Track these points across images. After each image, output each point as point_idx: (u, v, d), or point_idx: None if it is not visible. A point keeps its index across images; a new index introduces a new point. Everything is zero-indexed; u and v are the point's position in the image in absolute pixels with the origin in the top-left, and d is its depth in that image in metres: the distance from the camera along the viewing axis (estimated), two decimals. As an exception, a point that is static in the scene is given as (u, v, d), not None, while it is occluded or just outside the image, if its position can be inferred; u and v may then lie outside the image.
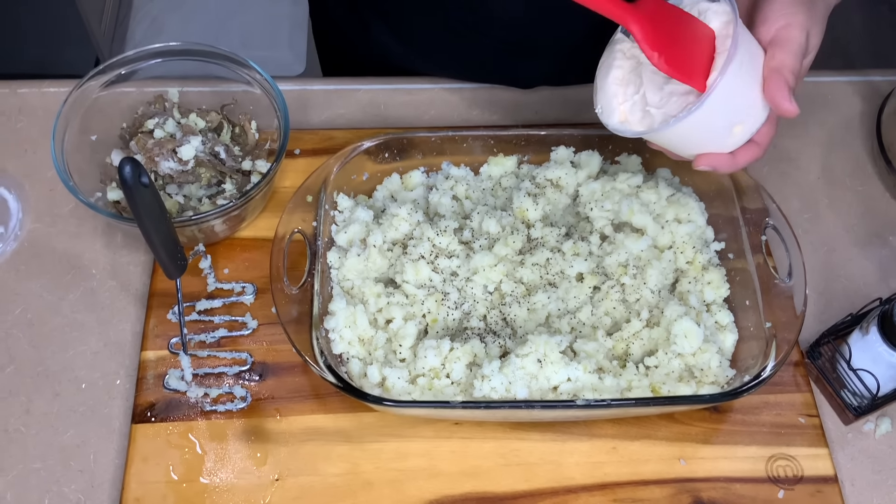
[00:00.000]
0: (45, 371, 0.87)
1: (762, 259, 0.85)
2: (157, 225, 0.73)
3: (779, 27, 0.73)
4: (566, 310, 0.85)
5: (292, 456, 0.81)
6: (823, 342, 0.86)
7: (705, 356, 0.81)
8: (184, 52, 0.96)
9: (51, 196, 0.98)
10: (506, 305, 0.85)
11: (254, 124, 0.97)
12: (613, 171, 0.94)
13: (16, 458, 0.82)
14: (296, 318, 0.81)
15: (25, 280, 0.92)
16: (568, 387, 0.78)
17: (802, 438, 0.84)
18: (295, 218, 0.86)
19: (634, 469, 0.82)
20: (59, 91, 1.05)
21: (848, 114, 1.07)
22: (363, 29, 1.08)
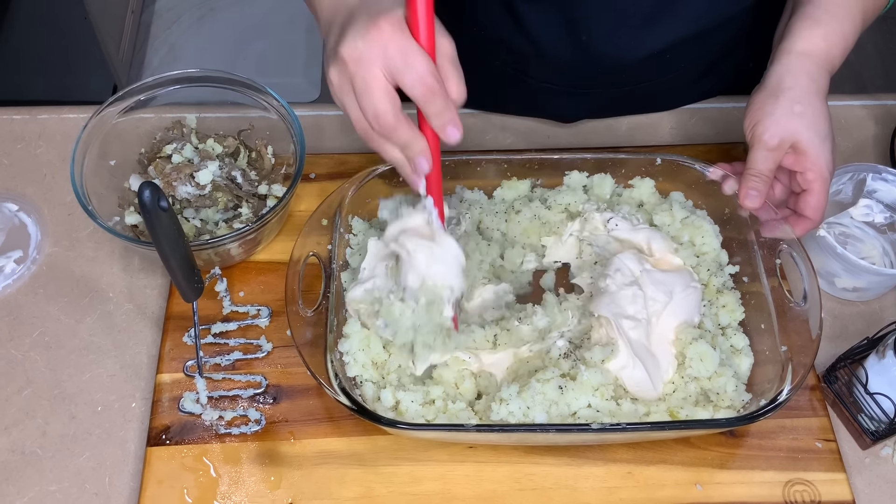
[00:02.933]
0: (62, 393, 0.87)
1: (777, 282, 0.85)
2: (174, 248, 0.73)
3: (754, 125, 0.83)
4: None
5: (306, 479, 0.81)
6: (839, 366, 0.86)
7: (721, 380, 0.81)
8: (201, 79, 0.97)
9: (69, 220, 0.99)
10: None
11: (270, 149, 0.98)
12: (627, 195, 0.94)
13: (32, 481, 0.82)
14: (310, 340, 0.82)
15: (43, 303, 0.93)
16: (588, 413, 0.78)
17: (819, 463, 0.83)
18: (310, 241, 0.86)
19: (650, 494, 0.81)
20: (78, 117, 1.06)
21: (861, 137, 1.08)
22: None
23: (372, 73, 0.65)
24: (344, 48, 0.66)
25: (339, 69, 0.67)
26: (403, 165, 0.71)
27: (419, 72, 0.65)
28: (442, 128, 0.68)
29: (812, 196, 0.82)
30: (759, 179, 0.82)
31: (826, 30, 0.84)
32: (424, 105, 0.66)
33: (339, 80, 0.67)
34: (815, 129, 0.81)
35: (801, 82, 0.83)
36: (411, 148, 0.69)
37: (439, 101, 0.66)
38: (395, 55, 0.64)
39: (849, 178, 0.96)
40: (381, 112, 0.66)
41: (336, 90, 0.68)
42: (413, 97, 0.66)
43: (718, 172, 0.89)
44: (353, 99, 0.67)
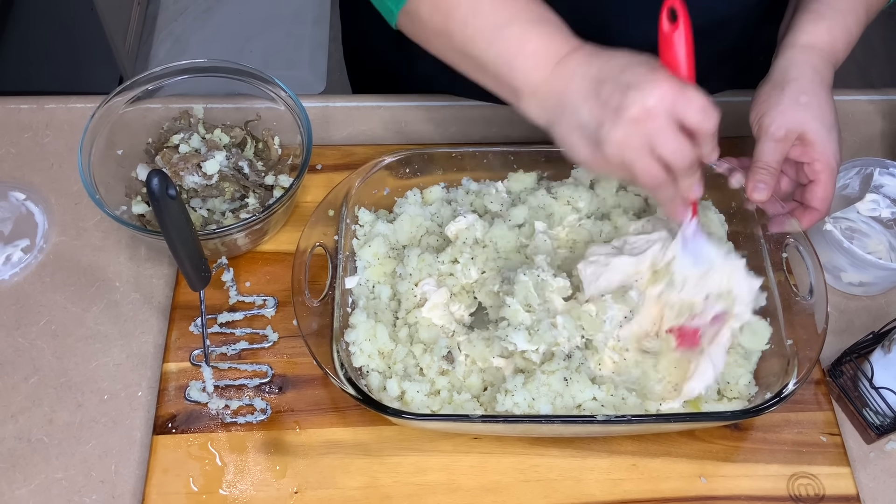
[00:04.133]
0: (68, 382, 0.87)
1: (783, 276, 0.85)
2: (183, 237, 0.74)
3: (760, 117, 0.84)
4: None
5: (311, 469, 0.82)
6: (845, 360, 0.86)
7: (738, 371, 0.81)
8: (209, 69, 0.97)
9: (76, 209, 0.99)
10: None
11: (277, 140, 0.99)
12: (632, 188, 0.94)
13: (38, 468, 0.82)
14: (316, 330, 0.82)
15: (50, 292, 0.93)
16: (592, 405, 0.78)
17: (824, 457, 0.83)
18: (316, 232, 0.87)
19: (654, 486, 0.81)
20: (85, 107, 1.06)
21: (868, 132, 1.07)
22: (407, 64, 1.09)
23: (668, 121, 0.70)
24: (634, 108, 0.69)
25: (629, 129, 0.70)
26: (674, 200, 0.76)
27: (706, 107, 0.71)
28: (712, 150, 0.74)
29: (819, 186, 0.82)
30: (767, 172, 0.82)
31: (830, 24, 0.85)
32: (709, 136, 0.72)
33: (629, 138, 0.70)
34: (822, 120, 0.82)
35: (806, 74, 0.83)
36: (692, 178, 0.75)
37: (716, 132, 0.73)
38: (682, 101, 0.70)
39: (856, 173, 0.96)
40: (687, 152, 0.72)
41: (624, 149, 0.71)
42: (701, 130, 0.72)
43: (725, 166, 0.89)
44: (645, 153, 0.71)
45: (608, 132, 0.71)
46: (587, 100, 0.72)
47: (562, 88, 0.74)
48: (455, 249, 0.88)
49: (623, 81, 0.71)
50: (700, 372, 0.80)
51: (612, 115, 0.70)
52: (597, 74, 0.72)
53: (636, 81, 0.70)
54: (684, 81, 0.72)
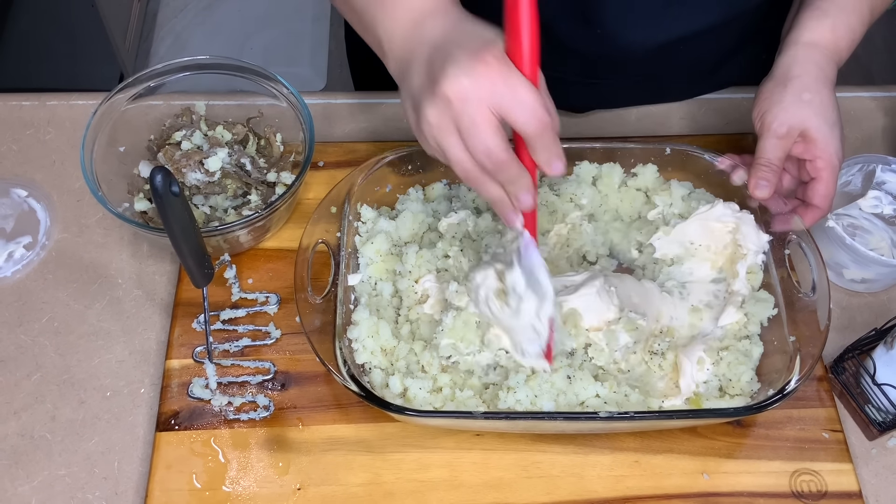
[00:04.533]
0: (71, 379, 0.87)
1: (786, 273, 0.85)
2: (186, 233, 0.74)
3: (762, 114, 0.83)
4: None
5: (314, 465, 0.82)
6: (847, 357, 0.86)
7: (740, 368, 0.81)
8: (211, 66, 0.97)
9: (78, 206, 0.99)
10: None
11: (279, 137, 0.98)
12: (632, 184, 0.94)
13: (41, 465, 0.83)
14: (319, 327, 0.82)
15: (52, 289, 0.93)
16: (595, 402, 0.78)
17: (826, 454, 0.83)
18: (319, 229, 0.87)
19: (657, 483, 0.81)
20: (87, 104, 1.06)
21: (870, 129, 1.07)
22: None
23: (481, 110, 0.62)
24: (447, 86, 0.62)
25: (440, 108, 0.63)
26: (503, 202, 0.68)
27: (532, 108, 0.62)
28: (548, 161, 0.66)
29: (821, 184, 0.82)
30: (769, 169, 0.82)
31: (834, 21, 0.85)
32: (536, 140, 0.64)
33: (440, 119, 0.64)
34: (824, 117, 0.81)
35: (809, 71, 0.83)
36: (516, 184, 0.67)
37: (549, 135, 0.64)
38: (504, 91, 0.62)
39: (858, 170, 0.96)
40: (492, 149, 0.64)
41: (435, 130, 0.65)
42: (524, 133, 0.64)
43: (727, 162, 0.89)
44: (456, 139, 0.64)
45: (424, 107, 0.65)
46: (420, 66, 0.66)
47: (410, 49, 0.68)
48: (445, 243, 0.88)
49: (451, 53, 0.63)
50: (683, 370, 0.81)
51: (429, 89, 0.64)
52: (437, 40, 0.66)
53: (458, 57, 0.63)
54: (515, 69, 0.63)
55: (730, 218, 0.87)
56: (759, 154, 0.83)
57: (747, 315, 0.84)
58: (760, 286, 0.87)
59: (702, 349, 0.81)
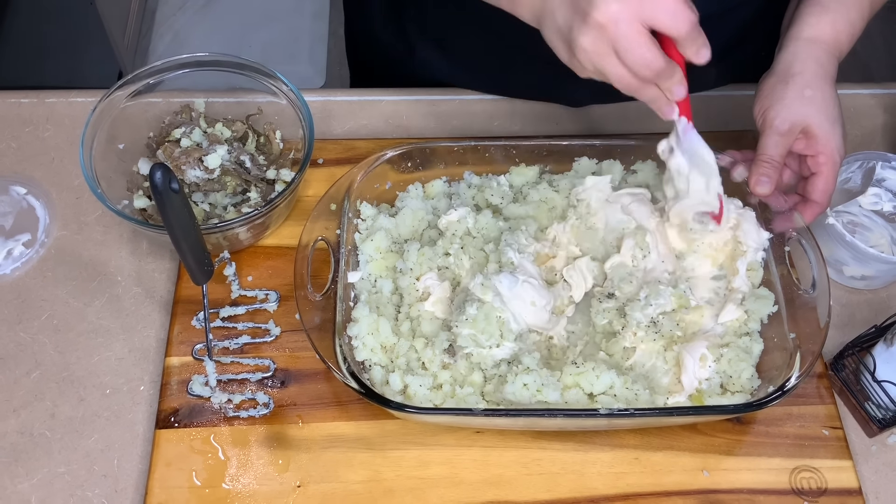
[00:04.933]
0: (71, 376, 0.87)
1: (786, 270, 0.85)
2: (185, 230, 0.73)
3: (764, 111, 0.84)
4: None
5: (314, 463, 0.82)
6: (847, 354, 0.86)
7: (741, 365, 0.81)
8: (210, 63, 0.97)
9: (77, 204, 0.99)
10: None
11: (278, 134, 0.98)
12: (632, 181, 0.94)
13: (41, 462, 0.82)
14: (319, 325, 0.82)
15: (52, 286, 0.93)
16: (606, 398, 0.79)
17: (826, 450, 0.83)
18: (318, 226, 0.86)
19: (657, 480, 0.81)
20: (86, 101, 1.06)
21: (870, 126, 1.07)
22: (408, 50, 1.09)
23: (634, 28, 0.69)
24: (599, 14, 0.68)
25: (595, 35, 0.69)
26: (659, 99, 0.75)
27: (677, 10, 0.69)
28: (698, 52, 0.73)
29: (820, 179, 0.82)
30: (770, 165, 0.82)
31: (834, 17, 0.85)
32: (686, 38, 0.71)
33: (597, 45, 0.70)
34: (826, 113, 0.81)
35: (810, 67, 0.83)
36: (672, 79, 0.73)
37: (696, 29, 0.71)
38: (651, 5, 0.69)
39: (858, 167, 0.96)
40: (650, 60, 0.70)
41: (592, 55, 0.71)
42: (676, 34, 0.71)
43: (727, 159, 0.89)
44: (614, 59, 0.71)
45: (577, 37, 0.71)
46: (563, 2, 0.72)
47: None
48: (445, 241, 0.88)
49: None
50: (685, 367, 0.81)
51: (580, 19, 0.70)
52: None
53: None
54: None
55: (731, 213, 0.87)
56: (760, 150, 0.83)
57: (748, 312, 0.84)
58: (761, 283, 0.87)
59: (704, 346, 0.81)
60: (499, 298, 0.81)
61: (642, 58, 0.70)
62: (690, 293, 0.84)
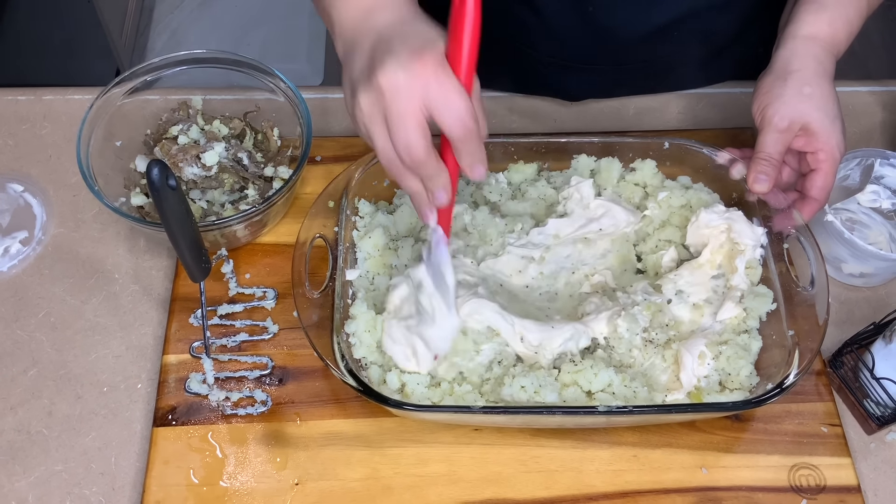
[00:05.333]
0: (68, 374, 0.87)
1: (784, 268, 0.85)
2: (183, 227, 0.73)
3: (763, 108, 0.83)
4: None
5: (312, 460, 0.82)
6: (846, 351, 0.86)
7: (740, 363, 0.81)
8: (207, 60, 0.97)
9: (74, 201, 0.99)
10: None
11: (276, 131, 0.98)
12: (630, 178, 0.94)
13: (38, 460, 0.82)
14: (317, 322, 0.82)
15: (49, 284, 0.93)
16: (605, 395, 0.78)
17: (825, 448, 0.83)
18: (316, 223, 0.86)
19: (655, 477, 0.81)
20: (83, 98, 1.06)
21: (869, 123, 1.07)
22: None
23: (410, 106, 0.64)
24: (382, 77, 0.65)
25: (372, 98, 0.66)
26: (420, 196, 0.71)
27: (460, 113, 0.64)
28: (471, 166, 0.68)
29: (820, 176, 0.82)
30: (769, 163, 0.82)
31: (832, 14, 0.85)
32: (460, 144, 0.66)
33: (371, 108, 0.66)
34: (825, 110, 0.81)
35: (808, 65, 0.83)
36: (434, 181, 0.69)
37: (474, 142, 0.66)
38: (437, 93, 0.64)
39: (856, 164, 0.96)
40: (413, 145, 0.65)
41: (365, 117, 0.67)
42: (450, 136, 0.66)
43: (726, 157, 0.89)
44: (383, 129, 0.66)
45: (358, 92, 0.67)
46: (362, 56, 0.68)
47: (356, 35, 0.71)
48: None
49: (392, 47, 0.66)
50: (684, 365, 0.81)
51: (366, 77, 0.66)
52: (383, 31, 0.68)
53: (398, 51, 0.65)
54: (450, 73, 0.65)
55: (718, 221, 0.87)
56: (758, 148, 0.83)
57: (746, 310, 0.84)
58: (759, 281, 0.87)
59: (703, 343, 0.81)
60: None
61: (405, 138, 0.65)
62: (653, 293, 0.83)
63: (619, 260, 0.90)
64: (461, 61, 0.65)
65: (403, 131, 0.65)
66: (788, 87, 0.82)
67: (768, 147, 0.82)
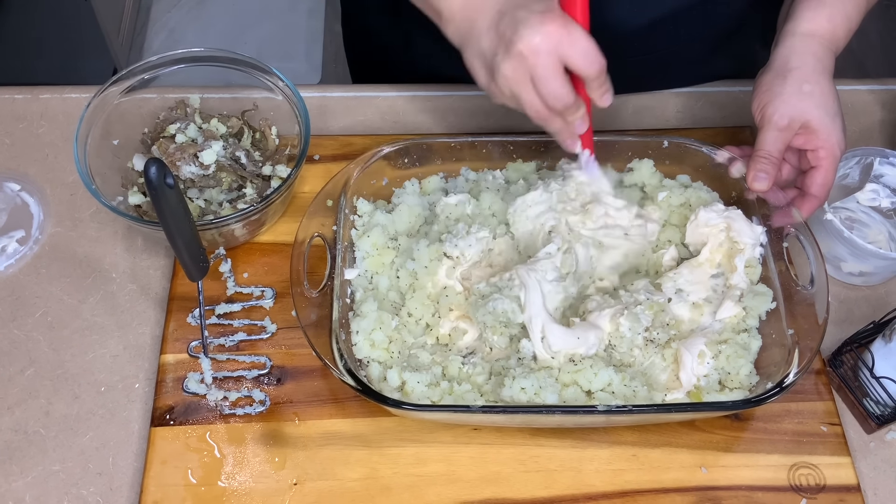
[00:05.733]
0: (65, 374, 0.87)
1: (784, 267, 0.85)
2: (181, 226, 0.73)
3: (762, 106, 0.84)
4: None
5: (310, 460, 0.81)
6: (845, 350, 0.85)
7: (739, 362, 0.81)
8: (205, 59, 0.96)
9: (72, 200, 0.98)
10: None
11: (274, 130, 0.98)
12: (628, 179, 0.94)
13: (35, 460, 0.82)
14: (315, 321, 0.81)
15: (46, 283, 0.92)
16: (604, 395, 0.78)
17: (825, 447, 0.83)
18: (315, 222, 0.86)
19: (655, 477, 0.81)
20: (80, 97, 1.05)
21: (868, 122, 1.07)
22: (406, 43, 1.09)
23: (551, 61, 0.74)
24: (521, 44, 0.74)
25: (516, 63, 0.75)
26: (563, 131, 0.81)
27: (590, 54, 0.75)
28: (601, 95, 0.79)
29: (820, 173, 0.82)
30: (768, 161, 0.82)
31: (830, 11, 0.84)
32: (593, 79, 0.77)
33: (516, 72, 0.75)
34: (825, 108, 0.81)
35: (807, 62, 0.83)
36: (576, 114, 0.80)
37: (603, 73, 0.77)
38: (568, 45, 0.74)
39: (856, 163, 0.96)
40: (561, 95, 0.76)
41: (511, 82, 0.76)
42: (586, 75, 0.76)
43: (725, 155, 0.89)
44: (530, 87, 0.76)
45: (499, 63, 0.76)
46: (489, 30, 0.77)
47: (473, 16, 0.78)
48: (440, 225, 0.88)
49: (518, 17, 0.74)
50: (683, 364, 0.80)
51: (504, 48, 0.75)
52: (501, 6, 0.76)
53: (528, 18, 0.74)
54: (574, 23, 0.75)
55: (717, 220, 0.86)
56: (758, 146, 0.83)
57: (746, 309, 0.84)
58: (759, 280, 0.86)
59: (703, 342, 0.81)
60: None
61: (555, 90, 0.76)
62: (655, 292, 0.83)
63: (629, 270, 0.90)
64: (577, 9, 0.77)
65: (552, 85, 0.75)
66: (788, 85, 0.82)
67: (768, 145, 0.82)
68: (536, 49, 0.74)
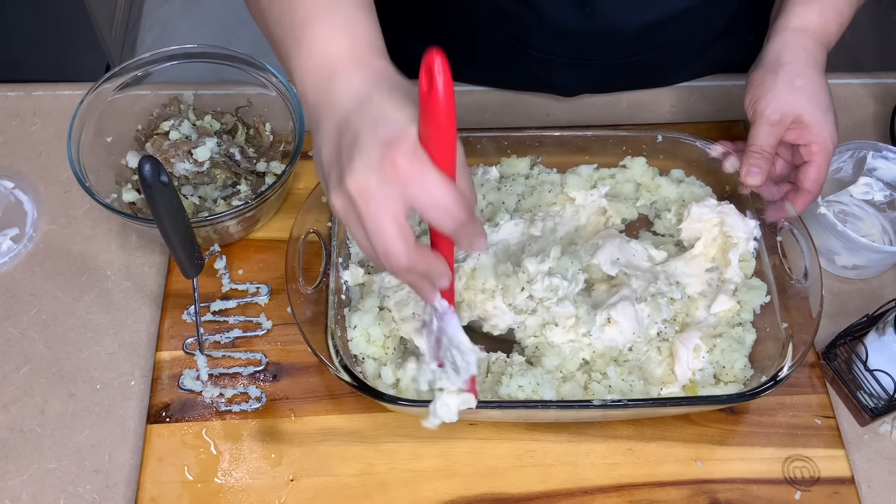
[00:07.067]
0: (60, 372, 0.87)
1: (778, 260, 0.85)
2: (175, 223, 0.73)
3: (755, 101, 0.83)
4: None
5: (307, 456, 0.81)
6: (839, 343, 0.86)
7: (734, 356, 0.81)
8: (199, 55, 0.96)
9: (65, 198, 0.98)
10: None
11: (268, 126, 0.98)
12: (621, 176, 0.94)
13: (31, 459, 0.82)
14: (310, 318, 0.81)
15: (40, 281, 0.92)
16: (600, 389, 0.79)
17: (819, 440, 0.83)
18: (310, 219, 0.86)
19: (651, 470, 0.81)
20: (73, 94, 1.05)
21: (861, 115, 1.07)
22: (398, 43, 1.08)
23: (386, 212, 0.57)
24: (352, 183, 0.57)
25: (344, 201, 0.59)
26: (417, 286, 0.64)
27: (447, 208, 0.57)
28: (470, 244, 0.61)
29: (813, 168, 0.83)
30: (761, 156, 0.82)
31: (821, 6, 0.85)
32: (454, 235, 0.60)
33: (345, 211, 0.60)
34: (817, 102, 0.82)
35: (799, 57, 0.83)
36: (430, 273, 0.63)
37: (468, 226, 0.59)
38: (417, 191, 0.56)
39: (849, 156, 0.96)
40: (393, 254, 0.59)
41: (341, 217, 0.61)
42: (441, 231, 0.59)
43: (719, 150, 0.89)
44: (360, 231, 0.60)
45: (330, 191, 0.61)
46: (330, 140, 0.61)
47: (320, 108, 0.63)
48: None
49: (358, 140, 0.58)
50: (679, 358, 0.81)
51: (337, 175, 0.59)
52: (348, 109, 0.61)
53: (366, 148, 0.57)
54: (427, 162, 0.56)
55: (710, 215, 0.87)
56: (751, 141, 0.83)
57: (740, 302, 0.84)
58: (753, 274, 0.87)
59: (698, 336, 0.82)
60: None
61: (384, 248, 0.58)
62: (675, 287, 0.84)
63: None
64: (440, 143, 0.56)
65: (382, 240, 0.58)
66: (780, 80, 0.82)
67: (760, 140, 0.82)
68: (368, 193, 0.57)
